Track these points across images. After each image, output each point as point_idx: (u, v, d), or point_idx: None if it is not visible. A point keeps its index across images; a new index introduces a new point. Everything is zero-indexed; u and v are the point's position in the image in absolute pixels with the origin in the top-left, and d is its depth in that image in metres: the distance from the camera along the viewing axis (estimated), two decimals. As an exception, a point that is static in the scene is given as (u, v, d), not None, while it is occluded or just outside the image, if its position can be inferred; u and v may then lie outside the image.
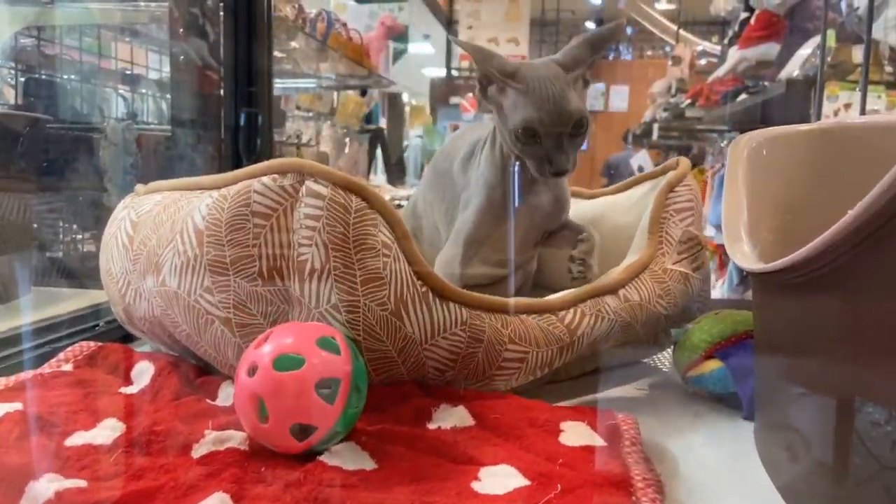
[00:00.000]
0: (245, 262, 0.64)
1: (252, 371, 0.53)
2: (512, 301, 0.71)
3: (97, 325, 0.89)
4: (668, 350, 0.85)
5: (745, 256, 0.56)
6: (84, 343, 0.77)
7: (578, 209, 1.05)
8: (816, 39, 1.94)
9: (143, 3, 1.54)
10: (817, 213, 0.47)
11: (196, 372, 0.71)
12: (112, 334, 0.79)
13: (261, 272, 0.64)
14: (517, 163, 0.84)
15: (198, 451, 0.54)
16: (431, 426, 0.60)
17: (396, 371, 0.66)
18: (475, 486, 0.50)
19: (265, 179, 0.64)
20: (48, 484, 0.47)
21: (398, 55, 3.93)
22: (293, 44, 2.24)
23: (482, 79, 0.81)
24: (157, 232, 0.70)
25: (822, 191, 0.62)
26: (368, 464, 0.53)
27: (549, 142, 0.77)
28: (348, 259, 0.63)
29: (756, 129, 0.71)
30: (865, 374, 0.42)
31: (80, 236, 1.36)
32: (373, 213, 0.64)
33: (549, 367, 0.71)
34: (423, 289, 0.65)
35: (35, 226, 1.17)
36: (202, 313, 0.66)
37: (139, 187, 0.81)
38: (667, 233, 0.82)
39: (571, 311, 0.72)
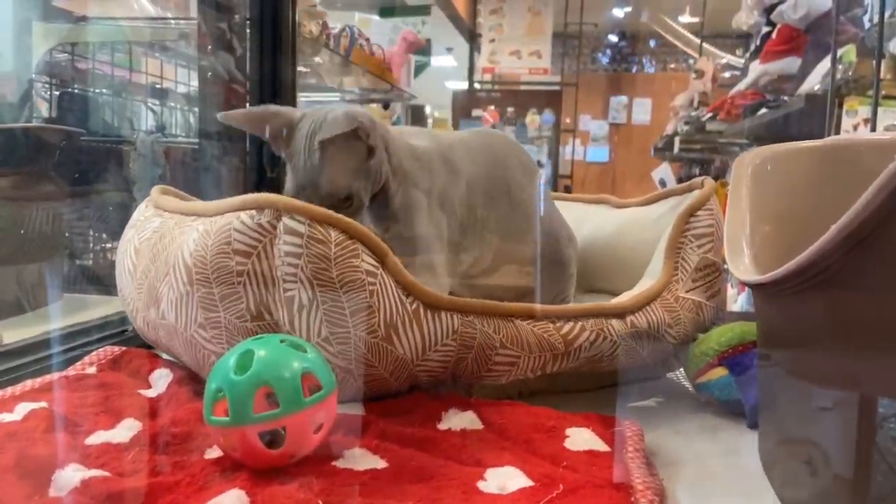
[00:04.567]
0: (232, 299, 0.65)
1: None
2: (507, 305, 0.70)
3: (125, 331, 0.92)
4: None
5: (746, 269, 0.58)
6: (109, 347, 0.80)
7: (605, 219, 1.05)
8: (838, 53, 1.93)
9: (172, 21, 1.59)
10: (819, 228, 0.48)
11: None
12: (139, 339, 0.82)
13: (248, 308, 0.65)
14: None
15: (211, 453, 0.57)
16: (441, 427, 0.62)
17: (388, 387, 0.67)
18: (481, 485, 0.52)
19: (243, 216, 0.64)
20: (73, 473, 0.50)
21: (421, 68, 3.98)
22: (317, 59, 2.29)
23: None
24: (155, 263, 0.71)
25: (824, 205, 0.63)
26: (379, 463, 0.55)
27: None
28: (334, 293, 0.63)
29: (775, 143, 0.71)
30: (863, 371, 0.43)
31: (108, 245, 1.40)
32: (353, 244, 0.64)
33: (542, 370, 0.71)
34: (414, 305, 0.66)
35: (66, 235, 1.21)
36: (199, 347, 0.67)
37: (155, 192, 0.82)
38: (683, 258, 0.80)
39: (571, 322, 0.72)
